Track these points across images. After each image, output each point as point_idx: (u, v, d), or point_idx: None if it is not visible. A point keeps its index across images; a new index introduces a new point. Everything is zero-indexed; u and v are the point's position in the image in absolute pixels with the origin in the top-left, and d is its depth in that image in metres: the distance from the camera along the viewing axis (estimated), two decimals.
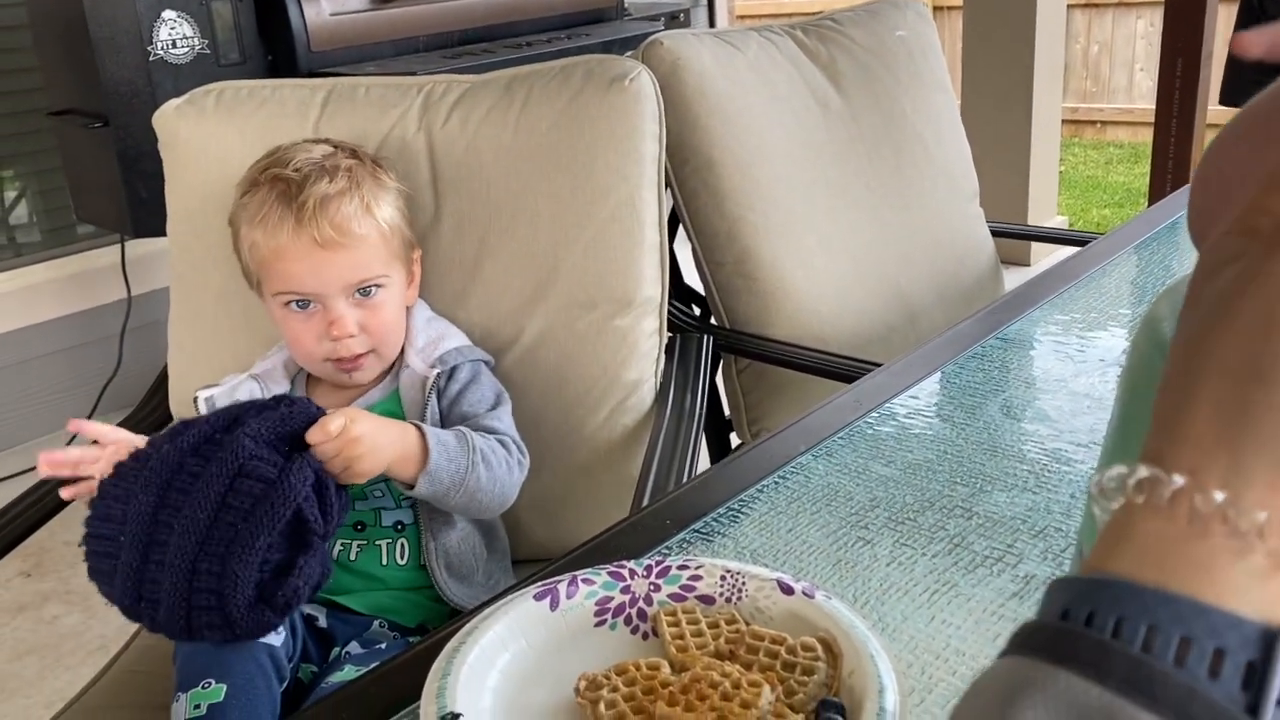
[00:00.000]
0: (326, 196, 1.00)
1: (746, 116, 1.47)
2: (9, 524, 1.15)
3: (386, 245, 1.04)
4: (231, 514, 0.84)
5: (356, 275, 1.01)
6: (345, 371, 1.04)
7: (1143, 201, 4.29)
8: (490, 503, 1.02)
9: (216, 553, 0.83)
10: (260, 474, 0.84)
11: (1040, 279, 1.27)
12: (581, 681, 0.61)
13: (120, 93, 2.02)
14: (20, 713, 1.80)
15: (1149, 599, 0.29)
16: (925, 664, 0.65)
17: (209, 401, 1.05)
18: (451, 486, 0.97)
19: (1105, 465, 0.60)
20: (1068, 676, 0.28)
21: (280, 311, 1.03)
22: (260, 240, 1.01)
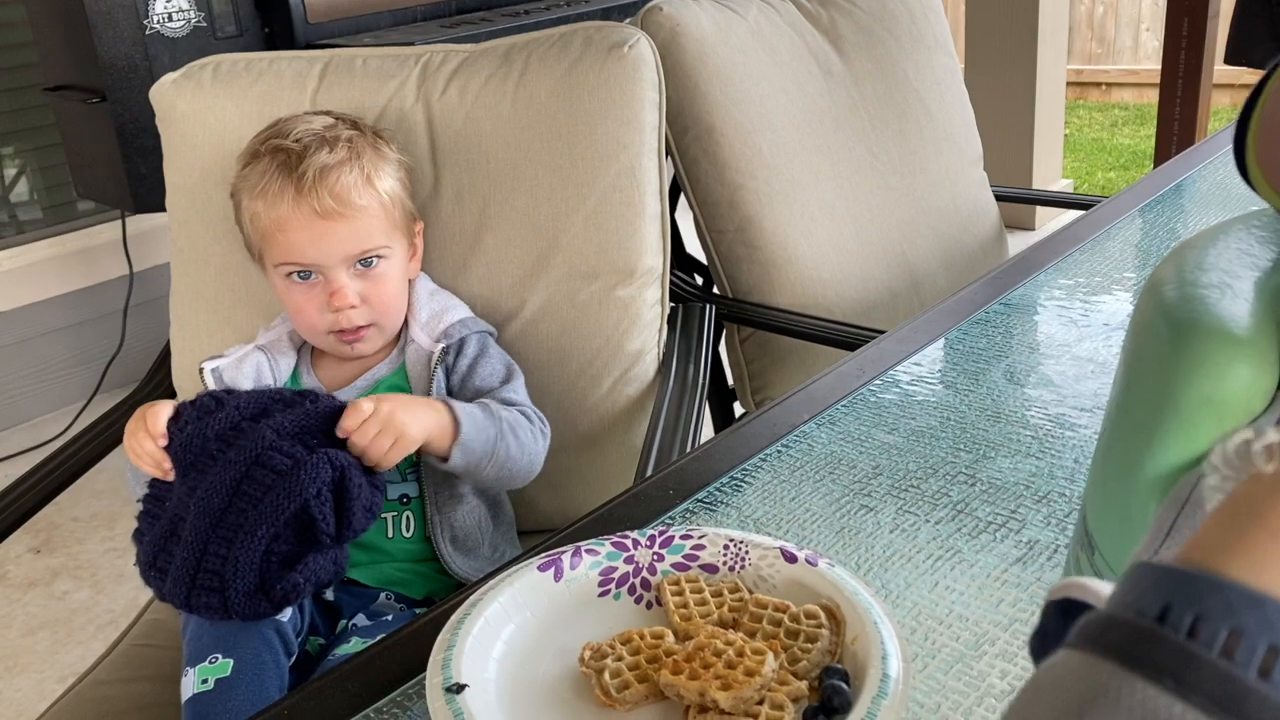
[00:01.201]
0: (326, 167, 0.99)
1: (747, 83, 1.46)
2: (17, 500, 1.16)
3: (388, 216, 1.04)
4: (244, 501, 0.86)
5: (357, 246, 1.01)
6: (347, 343, 1.04)
7: (1148, 164, 4.26)
8: (520, 472, 1.03)
9: (225, 536, 0.85)
10: (274, 464, 0.86)
11: (1044, 243, 1.27)
12: (586, 651, 0.61)
13: (117, 67, 2.01)
14: (34, 686, 1.82)
15: (1232, 597, 0.25)
16: (929, 630, 0.65)
17: (215, 373, 1.05)
18: (484, 456, 0.98)
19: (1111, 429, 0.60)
20: (1145, 688, 0.25)
21: (282, 283, 1.03)
22: (261, 211, 1.01)
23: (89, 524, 2.27)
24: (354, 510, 0.88)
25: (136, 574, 2.18)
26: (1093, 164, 4.83)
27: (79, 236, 2.82)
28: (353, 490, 0.88)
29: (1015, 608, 0.67)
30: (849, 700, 0.56)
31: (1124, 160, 4.86)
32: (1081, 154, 4.97)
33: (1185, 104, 2.68)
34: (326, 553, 0.88)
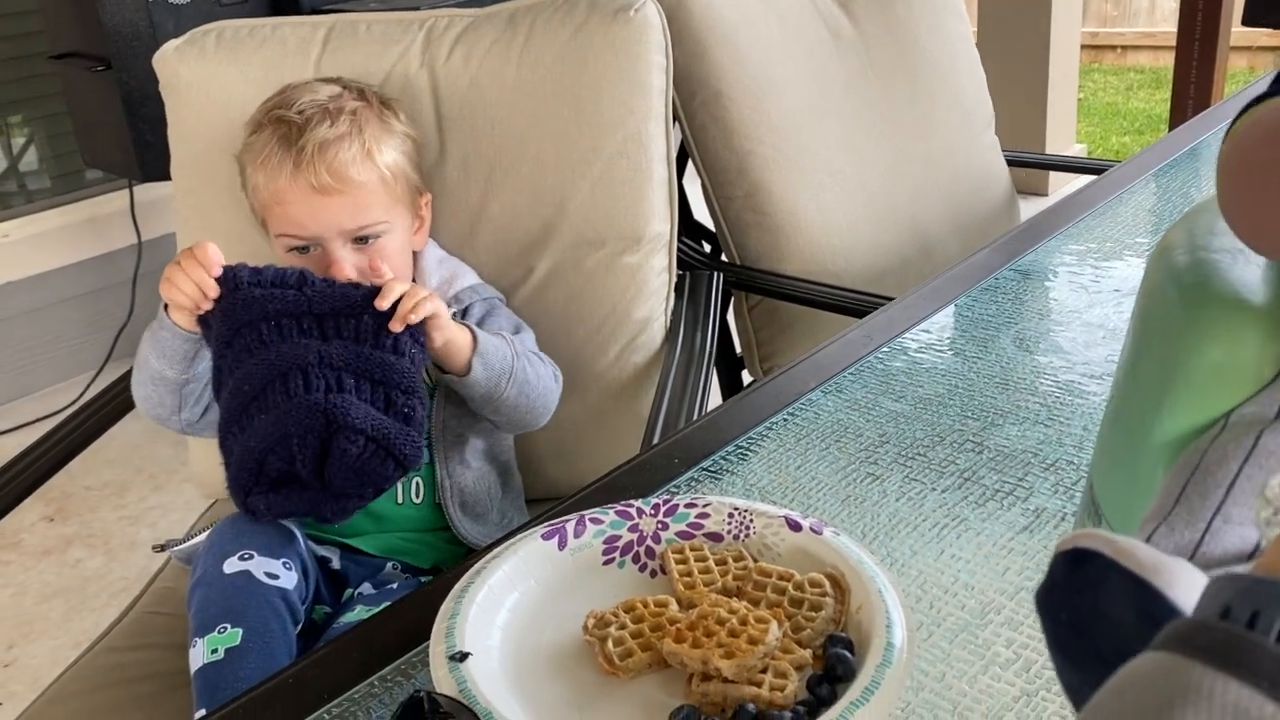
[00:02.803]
0: (326, 141, 0.99)
1: (756, 47, 1.44)
2: (29, 468, 1.16)
3: (388, 191, 1.03)
4: (260, 405, 0.89)
5: (355, 221, 1.00)
6: None
7: (1164, 128, 4.21)
8: (538, 401, 1.03)
9: (236, 430, 0.90)
10: (301, 392, 0.88)
11: (1056, 208, 1.25)
12: (590, 619, 0.61)
13: (122, 34, 1.99)
14: (49, 653, 1.84)
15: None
16: (934, 598, 0.65)
17: None
18: (502, 374, 0.99)
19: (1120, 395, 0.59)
20: (1239, 688, 0.25)
21: (284, 255, 1.03)
22: (261, 183, 1.01)
23: (101, 492, 2.28)
24: (342, 471, 0.88)
25: (148, 542, 2.19)
26: (1107, 128, 4.78)
27: (87, 206, 2.81)
28: (358, 453, 0.88)
29: (1022, 576, 0.66)
30: (853, 668, 0.56)
31: (1139, 125, 4.80)
32: (1096, 118, 4.92)
33: (1201, 67, 2.64)
34: (307, 492, 0.89)
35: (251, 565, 0.90)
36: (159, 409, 1.02)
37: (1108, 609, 0.34)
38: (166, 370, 0.99)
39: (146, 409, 1.03)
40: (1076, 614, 0.35)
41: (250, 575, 0.89)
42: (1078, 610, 0.35)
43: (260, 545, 0.91)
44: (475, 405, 1.02)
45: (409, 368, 0.92)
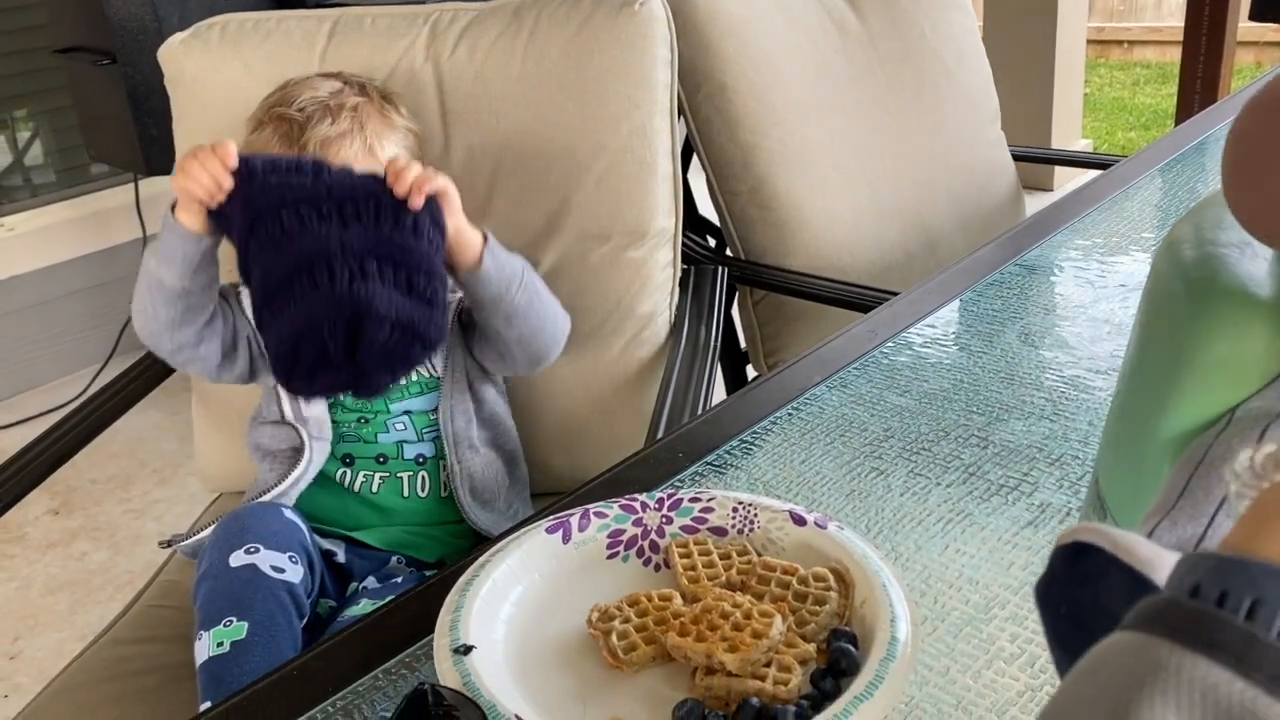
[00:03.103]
0: (327, 139, 0.99)
1: (761, 40, 1.44)
2: (34, 460, 1.16)
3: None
4: (287, 293, 0.88)
5: None
6: None
7: (1170, 123, 4.20)
8: (549, 320, 1.03)
9: (268, 316, 0.90)
10: (329, 282, 0.87)
11: (1062, 203, 1.25)
12: (594, 613, 0.61)
13: (127, 28, 1.99)
14: (54, 645, 1.85)
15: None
16: (939, 593, 0.65)
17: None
18: (513, 276, 0.99)
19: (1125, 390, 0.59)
20: (1208, 665, 0.25)
21: None
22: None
23: (106, 486, 2.29)
24: (372, 355, 0.88)
25: (153, 535, 2.19)
26: (1113, 124, 4.77)
27: (92, 199, 2.82)
28: (385, 339, 0.87)
29: (1026, 571, 0.66)
30: (857, 663, 0.56)
31: (1145, 120, 4.79)
32: (1102, 113, 4.90)
33: (1208, 61, 2.64)
34: (342, 373, 0.89)
35: (257, 559, 0.90)
36: (153, 323, 0.97)
37: (1107, 603, 0.34)
38: (165, 275, 0.95)
39: (141, 325, 0.99)
40: (1076, 607, 0.35)
41: (256, 569, 0.89)
42: (1077, 603, 0.35)
43: (266, 538, 0.92)
44: (487, 310, 1.00)
45: (428, 250, 0.91)
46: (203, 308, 0.99)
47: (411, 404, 1.06)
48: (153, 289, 0.96)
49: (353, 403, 1.05)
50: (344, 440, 1.06)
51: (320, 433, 1.04)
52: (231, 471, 1.22)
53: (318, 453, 1.04)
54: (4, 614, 1.94)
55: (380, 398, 0.95)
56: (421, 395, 1.06)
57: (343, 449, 1.05)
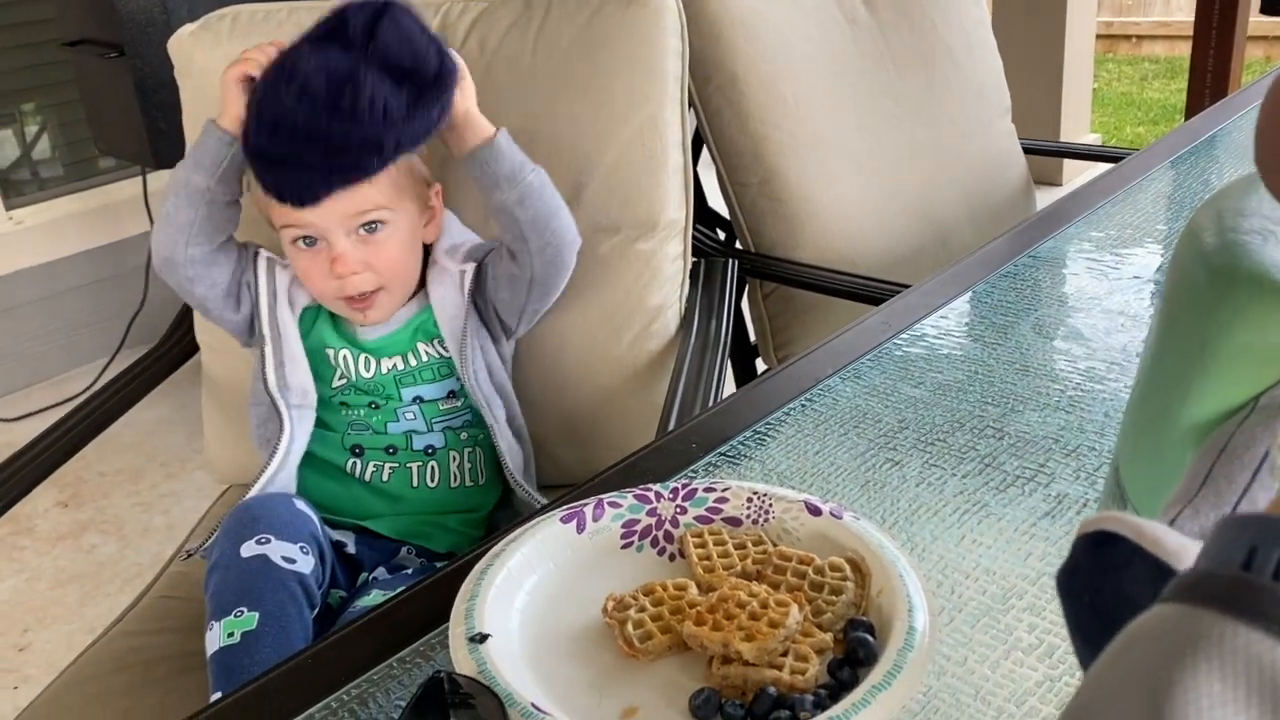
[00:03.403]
0: None
1: (771, 31, 1.43)
2: (43, 453, 1.16)
3: (391, 182, 1.00)
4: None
5: (355, 209, 0.98)
6: (358, 310, 1.03)
7: (1179, 118, 4.19)
8: (561, 208, 1.04)
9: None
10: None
11: (1073, 195, 1.24)
12: (609, 602, 0.61)
13: (135, 20, 1.99)
14: (63, 638, 1.85)
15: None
16: (955, 583, 0.65)
17: (269, 263, 1.06)
18: (526, 162, 1.03)
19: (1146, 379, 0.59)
20: (1249, 633, 0.25)
21: (289, 247, 1.02)
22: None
23: (114, 479, 2.29)
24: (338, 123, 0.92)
25: (162, 528, 2.20)
26: (1121, 119, 4.76)
27: (100, 193, 2.82)
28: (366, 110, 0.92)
29: (1043, 561, 0.66)
30: (874, 652, 0.56)
31: (1153, 115, 4.77)
32: (1110, 108, 4.89)
33: (1218, 56, 2.62)
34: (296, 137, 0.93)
35: (269, 549, 0.90)
36: (171, 227, 1.01)
37: (1130, 592, 0.33)
38: (195, 176, 1.00)
39: (160, 237, 1.02)
40: (1098, 596, 0.35)
41: (267, 559, 0.89)
42: (1100, 592, 0.35)
43: (277, 529, 0.91)
44: (502, 188, 1.02)
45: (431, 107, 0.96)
46: (222, 221, 1.03)
47: (423, 390, 1.06)
48: (179, 192, 1.00)
49: (364, 384, 1.05)
50: (353, 430, 1.06)
51: (304, 401, 1.04)
52: (241, 464, 1.22)
53: (300, 423, 1.03)
54: (14, 606, 1.94)
55: (310, 200, 0.96)
56: (433, 382, 1.06)
57: (352, 439, 1.05)
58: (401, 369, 1.05)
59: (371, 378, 1.05)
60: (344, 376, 1.05)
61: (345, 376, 1.05)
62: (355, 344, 1.06)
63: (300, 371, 1.04)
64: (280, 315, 1.05)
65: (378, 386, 1.05)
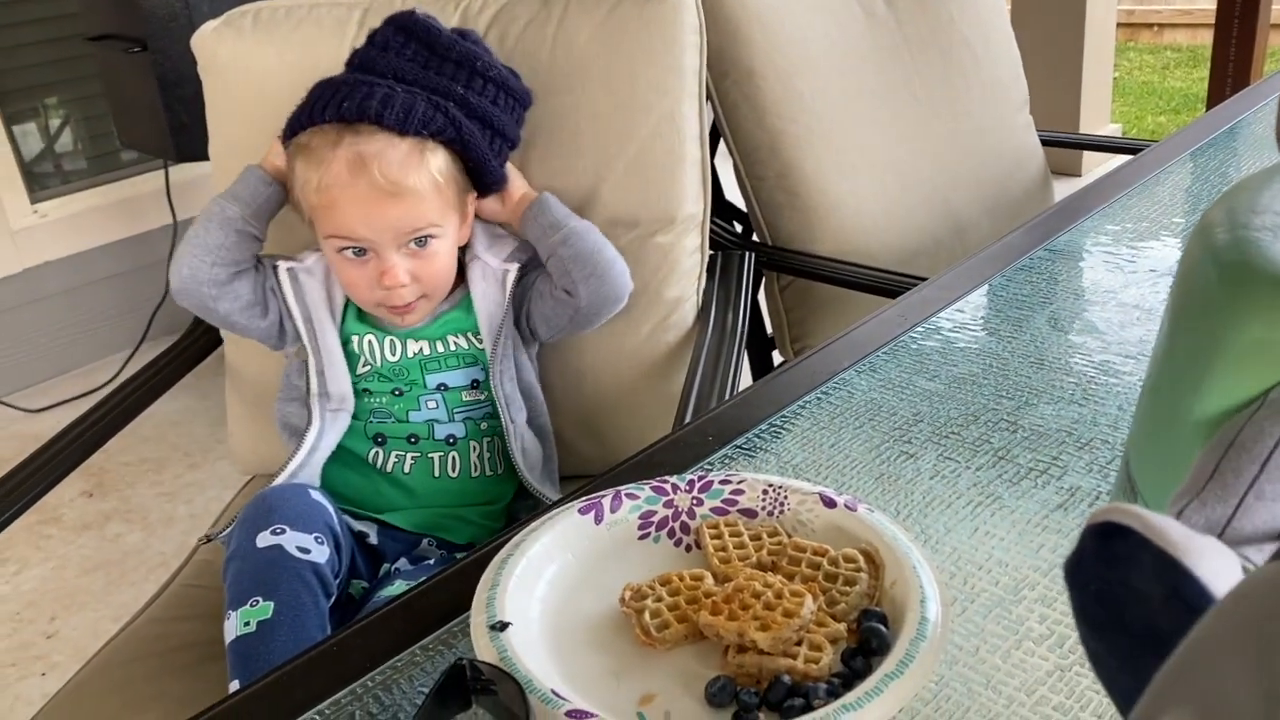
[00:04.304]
0: (384, 149, 0.99)
1: (788, 25, 1.44)
2: (69, 446, 1.18)
3: (440, 195, 1.03)
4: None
5: (409, 225, 1.01)
6: (397, 315, 1.05)
7: (1201, 107, 4.15)
8: (606, 246, 1.09)
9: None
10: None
11: (1091, 188, 1.24)
12: (626, 591, 0.62)
13: (157, 16, 2.01)
14: (90, 624, 1.88)
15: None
16: (968, 575, 0.66)
17: (290, 272, 1.08)
18: (571, 214, 1.10)
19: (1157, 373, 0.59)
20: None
21: (334, 254, 1.04)
22: (315, 183, 1.01)
23: (139, 469, 2.32)
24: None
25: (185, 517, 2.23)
26: (1142, 108, 4.72)
27: (123, 186, 2.85)
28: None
29: (1055, 554, 0.67)
30: (887, 642, 0.57)
31: (1175, 104, 4.74)
32: (1131, 98, 4.86)
33: (1240, 44, 2.61)
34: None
35: (283, 540, 0.91)
36: (198, 248, 1.04)
37: (1136, 584, 0.34)
38: (231, 206, 1.06)
39: (185, 257, 1.05)
40: (1105, 587, 0.36)
41: (282, 549, 0.91)
42: (1106, 583, 0.35)
43: (292, 520, 0.93)
44: (548, 235, 1.08)
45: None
46: (246, 252, 1.07)
47: (447, 377, 1.07)
48: (211, 220, 1.05)
49: (388, 369, 1.06)
50: (375, 418, 1.07)
51: (342, 406, 1.05)
52: (264, 454, 1.24)
53: (332, 425, 1.05)
54: (41, 594, 1.98)
55: (404, 123, 1.00)
56: (458, 369, 1.07)
57: (374, 428, 1.07)
58: (427, 354, 1.07)
59: (397, 361, 1.07)
60: (368, 364, 1.07)
61: (369, 364, 1.07)
62: (382, 329, 1.07)
63: (340, 377, 1.06)
64: (319, 325, 1.06)
65: (402, 371, 1.06)
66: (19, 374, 2.68)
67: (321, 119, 1.01)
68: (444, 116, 1.02)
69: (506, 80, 1.09)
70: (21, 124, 2.74)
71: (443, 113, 1.02)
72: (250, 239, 1.07)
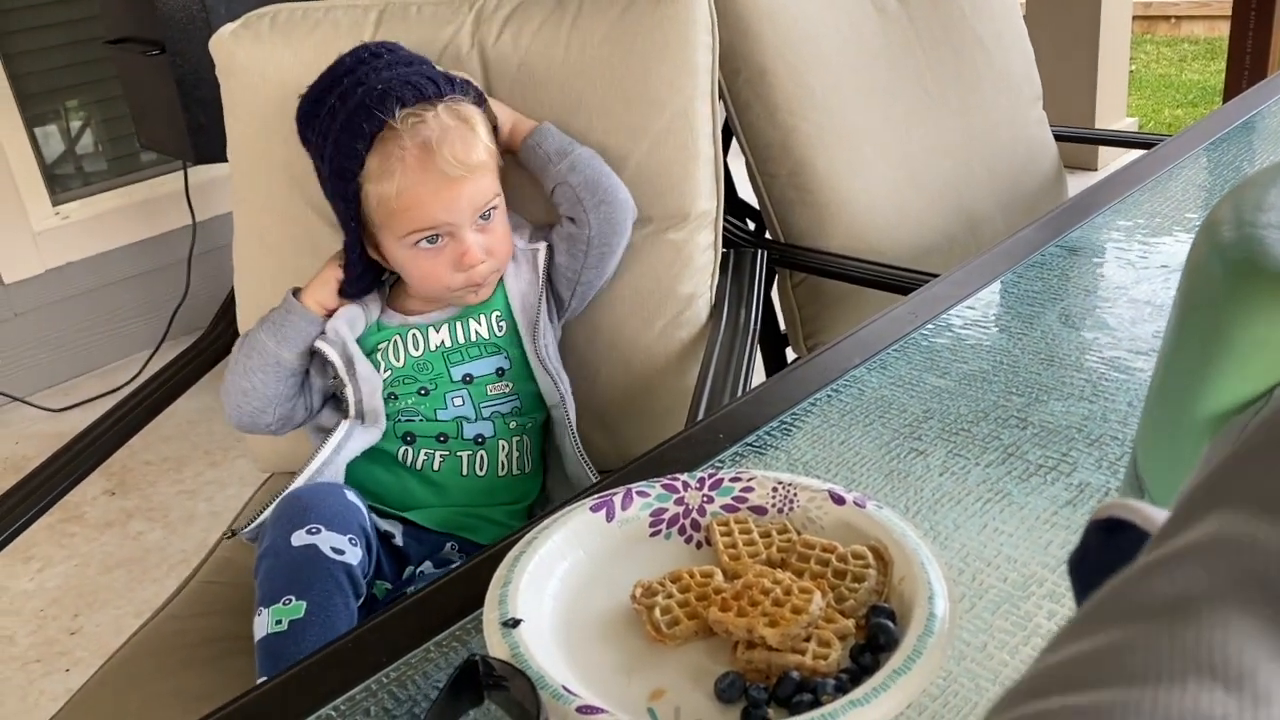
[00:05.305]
0: (445, 134, 1.01)
1: (800, 23, 1.44)
2: (91, 444, 1.20)
3: (494, 161, 1.07)
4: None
5: (480, 200, 1.03)
6: (473, 291, 1.07)
7: (1218, 100, 4.12)
8: (610, 172, 1.12)
9: None
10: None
11: (1104, 184, 1.24)
12: (637, 588, 0.63)
13: (176, 19, 2.03)
14: (113, 621, 1.90)
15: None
16: (976, 571, 0.66)
17: (335, 331, 1.07)
18: (573, 141, 1.12)
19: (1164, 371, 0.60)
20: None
21: (408, 252, 1.04)
22: (391, 192, 1.01)
23: (160, 467, 2.34)
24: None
25: (205, 515, 2.25)
26: (1159, 101, 4.69)
27: (143, 187, 2.88)
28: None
29: (1064, 550, 0.67)
30: (895, 638, 0.57)
31: (1192, 97, 4.71)
32: (1148, 90, 4.82)
33: (1258, 36, 2.59)
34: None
35: (319, 540, 0.91)
36: (258, 400, 1.07)
37: None
38: (284, 353, 1.06)
39: (241, 404, 1.07)
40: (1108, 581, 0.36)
41: (317, 549, 0.91)
42: (1110, 577, 0.36)
43: (328, 519, 0.93)
44: (553, 163, 1.11)
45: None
46: (298, 383, 1.09)
47: (472, 367, 1.08)
48: (267, 369, 1.06)
49: (412, 365, 1.07)
50: (404, 417, 1.08)
51: (374, 422, 1.07)
52: (284, 451, 1.25)
53: (362, 434, 1.06)
54: (65, 591, 2.00)
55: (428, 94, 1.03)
56: (481, 359, 1.08)
57: (404, 428, 1.08)
58: (449, 346, 1.08)
59: (420, 356, 1.08)
60: (390, 368, 1.08)
61: (392, 367, 1.08)
62: (403, 326, 1.09)
63: (377, 400, 1.07)
64: (360, 370, 1.06)
65: (426, 366, 1.07)
66: (42, 374, 2.71)
67: (363, 139, 1.01)
68: (438, 78, 1.05)
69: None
70: (43, 126, 2.77)
71: (433, 77, 1.05)
72: (301, 373, 1.09)
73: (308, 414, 1.11)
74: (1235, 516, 0.25)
